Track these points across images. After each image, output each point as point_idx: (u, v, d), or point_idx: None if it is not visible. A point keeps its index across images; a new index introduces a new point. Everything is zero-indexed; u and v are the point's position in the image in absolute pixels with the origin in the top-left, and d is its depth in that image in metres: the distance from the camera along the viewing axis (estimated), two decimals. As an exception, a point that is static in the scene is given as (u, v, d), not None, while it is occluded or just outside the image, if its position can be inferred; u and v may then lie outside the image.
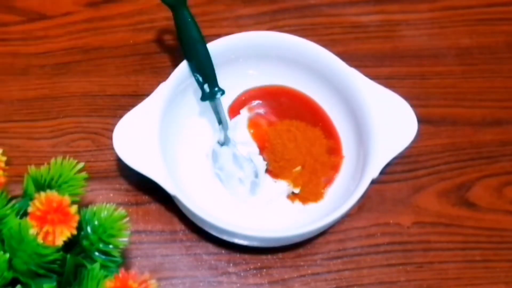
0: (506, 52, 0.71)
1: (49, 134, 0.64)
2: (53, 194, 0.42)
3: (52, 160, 0.49)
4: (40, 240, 0.42)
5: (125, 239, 0.47)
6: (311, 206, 0.61)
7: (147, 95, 0.58)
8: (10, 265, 0.45)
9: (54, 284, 0.46)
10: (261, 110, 0.64)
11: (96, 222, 0.47)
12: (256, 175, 0.61)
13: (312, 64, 0.62)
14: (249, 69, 0.64)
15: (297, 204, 0.61)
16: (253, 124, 0.64)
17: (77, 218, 0.43)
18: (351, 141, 0.62)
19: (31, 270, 0.45)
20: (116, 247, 0.47)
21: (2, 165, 0.45)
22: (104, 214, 0.47)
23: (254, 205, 0.61)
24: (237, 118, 0.64)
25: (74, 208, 0.43)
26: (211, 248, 0.60)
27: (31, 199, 0.43)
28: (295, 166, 0.62)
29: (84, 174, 0.49)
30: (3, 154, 0.45)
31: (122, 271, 0.43)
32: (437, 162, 0.65)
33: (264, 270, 0.60)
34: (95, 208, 0.47)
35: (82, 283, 0.46)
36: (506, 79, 0.70)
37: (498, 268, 0.61)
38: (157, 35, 0.70)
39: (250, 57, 0.63)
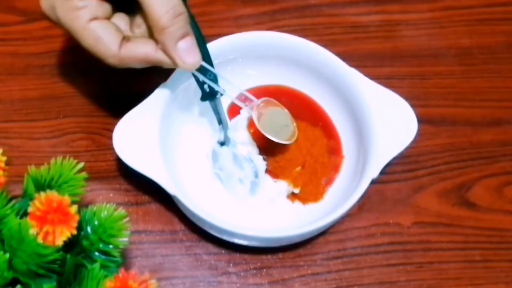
0: (506, 52, 0.71)
1: (49, 134, 0.64)
2: (53, 194, 0.42)
3: (52, 160, 0.49)
4: (40, 240, 0.42)
5: (125, 239, 0.47)
6: (311, 206, 0.61)
7: (147, 95, 0.58)
8: (10, 265, 0.45)
9: (54, 284, 0.46)
10: (261, 110, 0.64)
11: (96, 222, 0.47)
12: (256, 175, 0.61)
13: (312, 64, 0.62)
14: (249, 69, 0.64)
15: (297, 204, 0.61)
16: (253, 124, 0.63)
17: (77, 218, 0.43)
18: (351, 141, 0.62)
19: (31, 270, 0.45)
20: (116, 247, 0.47)
21: (2, 165, 0.45)
22: (104, 214, 0.47)
23: (254, 205, 0.61)
24: (237, 118, 0.64)
25: (74, 208, 0.43)
26: (211, 248, 0.60)
27: (31, 199, 0.43)
28: (295, 166, 0.62)
29: (84, 174, 0.49)
30: (3, 154, 0.45)
31: (122, 271, 0.43)
32: (437, 162, 0.65)
33: (264, 270, 0.60)
34: (95, 208, 0.48)
35: (82, 283, 0.46)
36: (506, 79, 0.70)
37: (498, 268, 0.61)
38: (157, 35, 0.69)
39: (250, 57, 0.63)
